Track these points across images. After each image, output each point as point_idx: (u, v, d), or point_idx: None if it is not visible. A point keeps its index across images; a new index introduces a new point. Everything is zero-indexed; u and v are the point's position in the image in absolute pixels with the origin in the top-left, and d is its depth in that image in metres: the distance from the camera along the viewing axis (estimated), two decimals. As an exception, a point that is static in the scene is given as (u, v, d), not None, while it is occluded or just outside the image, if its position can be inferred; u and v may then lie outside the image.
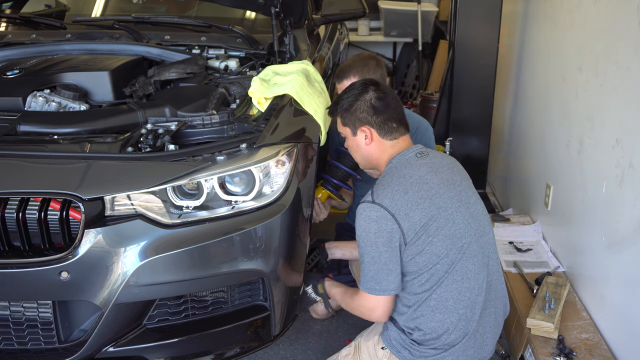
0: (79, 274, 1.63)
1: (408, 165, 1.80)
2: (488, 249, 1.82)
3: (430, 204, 1.72)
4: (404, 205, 1.71)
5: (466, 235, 1.75)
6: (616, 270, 2.09)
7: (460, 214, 1.76)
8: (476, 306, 1.76)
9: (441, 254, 1.72)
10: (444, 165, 1.83)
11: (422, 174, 1.77)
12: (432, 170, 1.79)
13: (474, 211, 1.81)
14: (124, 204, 1.67)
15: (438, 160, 1.84)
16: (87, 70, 2.19)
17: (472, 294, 1.75)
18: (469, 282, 1.75)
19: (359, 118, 1.85)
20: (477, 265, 1.77)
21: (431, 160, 1.82)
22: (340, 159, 2.35)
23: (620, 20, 2.07)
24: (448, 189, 1.77)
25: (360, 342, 1.96)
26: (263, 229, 1.76)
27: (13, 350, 1.75)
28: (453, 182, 1.80)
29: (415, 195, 1.72)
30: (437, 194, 1.74)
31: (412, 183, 1.75)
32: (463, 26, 3.33)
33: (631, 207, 1.97)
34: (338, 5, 2.92)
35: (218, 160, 1.74)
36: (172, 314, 1.81)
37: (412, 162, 1.81)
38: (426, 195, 1.73)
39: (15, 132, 1.83)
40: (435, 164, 1.82)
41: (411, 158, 1.82)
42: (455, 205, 1.76)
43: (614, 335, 2.10)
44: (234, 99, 2.15)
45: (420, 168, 1.79)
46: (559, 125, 2.66)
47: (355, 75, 2.40)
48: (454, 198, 1.77)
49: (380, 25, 5.60)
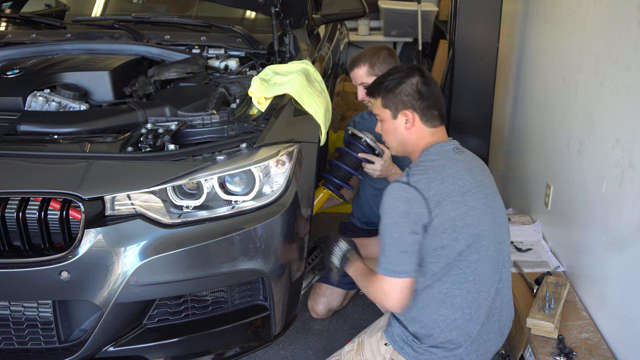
0: (79, 274, 1.63)
1: (446, 157, 1.78)
2: (503, 256, 1.81)
3: (461, 200, 1.71)
4: (438, 193, 1.70)
5: (487, 237, 1.75)
6: (616, 270, 2.09)
7: (487, 217, 1.76)
8: (481, 309, 1.76)
9: (463, 251, 1.71)
10: (476, 166, 1.82)
11: (458, 169, 1.76)
12: (467, 168, 1.78)
13: (497, 218, 1.80)
14: (124, 204, 1.67)
15: (471, 159, 1.83)
16: (87, 70, 2.19)
17: (480, 296, 1.75)
18: (480, 284, 1.74)
19: (403, 101, 1.81)
20: (491, 270, 1.76)
21: (466, 158, 1.81)
22: (341, 158, 2.34)
23: (620, 20, 2.07)
24: (478, 190, 1.76)
25: (363, 338, 1.96)
26: (263, 229, 1.76)
27: (13, 350, 1.75)
28: (483, 185, 1.79)
29: (449, 187, 1.71)
30: (469, 192, 1.74)
31: (448, 175, 1.73)
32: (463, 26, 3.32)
33: (631, 207, 1.97)
34: (338, 5, 2.91)
35: (218, 160, 1.74)
36: (172, 313, 1.81)
37: (449, 156, 1.79)
38: (459, 190, 1.72)
39: (15, 132, 1.83)
40: (469, 162, 1.81)
41: (449, 151, 1.80)
42: (483, 208, 1.75)
43: (614, 335, 2.10)
44: (234, 98, 2.15)
45: (458, 163, 1.77)
46: (559, 125, 2.66)
47: (365, 63, 2.43)
48: (482, 200, 1.76)
49: (380, 25, 5.59)
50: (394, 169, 2.33)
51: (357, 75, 2.47)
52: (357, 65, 2.45)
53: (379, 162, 2.27)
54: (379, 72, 2.43)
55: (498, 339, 1.85)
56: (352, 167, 2.32)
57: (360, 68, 2.44)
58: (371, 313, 2.65)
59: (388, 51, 2.48)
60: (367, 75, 2.44)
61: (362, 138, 2.28)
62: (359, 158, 2.29)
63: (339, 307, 2.65)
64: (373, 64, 2.42)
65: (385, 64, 2.43)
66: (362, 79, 2.46)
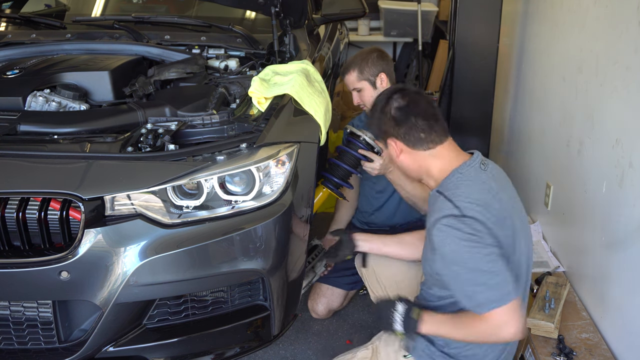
0: (79, 274, 1.63)
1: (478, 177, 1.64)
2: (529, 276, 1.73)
3: (511, 224, 1.61)
4: (492, 218, 1.56)
5: (523, 263, 1.65)
6: (616, 270, 2.09)
7: (522, 237, 1.65)
8: None
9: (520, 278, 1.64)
10: (502, 179, 1.71)
11: (492, 188, 1.62)
12: (499, 185, 1.66)
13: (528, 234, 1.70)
14: (124, 204, 1.67)
15: (497, 173, 1.70)
16: (87, 70, 2.19)
17: None
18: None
19: (384, 131, 1.73)
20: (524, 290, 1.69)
21: (493, 174, 1.67)
22: (341, 157, 2.34)
23: (620, 20, 2.07)
24: (513, 208, 1.65)
25: (379, 345, 1.88)
26: (263, 229, 1.76)
27: (13, 350, 1.75)
28: (514, 199, 1.69)
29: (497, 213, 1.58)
30: (510, 215, 1.62)
31: (492, 197, 1.60)
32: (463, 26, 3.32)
33: (631, 207, 1.97)
34: (338, 5, 2.92)
35: (218, 160, 1.74)
36: (172, 313, 1.81)
37: (480, 175, 1.64)
38: (504, 214, 1.59)
39: (15, 132, 1.83)
40: (497, 178, 1.68)
41: (478, 169, 1.65)
42: (519, 226, 1.64)
43: (614, 335, 2.10)
44: (234, 98, 2.15)
45: (491, 183, 1.64)
46: (559, 125, 2.66)
47: (354, 69, 2.48)
48: (518, 219, 1.65)
49: (380, 25, 5.59)
50: (392, 167, 2.33)
51: (349, 81, 2.51)
52: (347, 72, 2.50)
53: (378, 160, 2.27)
54: (369, 75, 2.46)
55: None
56: (351, 166, 2.32)
57: (350, 74, 2.49)
58: (371, 313, 2.65)
59: (378, 53, 2.51)
60: (357, 80, 2.49)
61: (361, 136, 2.29)
62: (358, 156, 2.29)
63: (339, 307, 2.65)
64: (362, 69, 2.47)
65: (375, 67, 2.46)
66: (354, 84, 2.50)
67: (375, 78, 2.47)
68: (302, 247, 1.96)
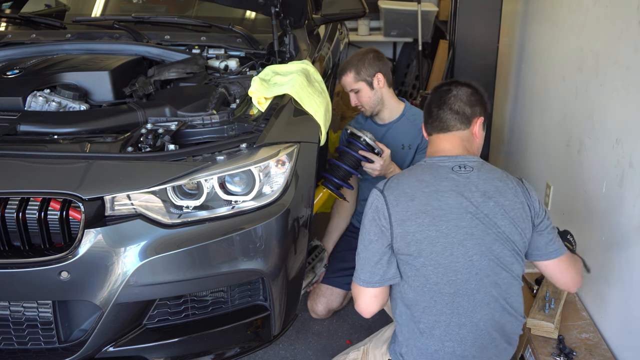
0: (79, 274, 1.63)
1: (435, 172, 1.67)
2: (497, 289, 1.65)
3: (430, 223, 1.61)
4: (403, 211, 1.63)
5: (462, 270, 1.62)
6: (616, 270, 2.09)
7: (463, 248, 1.61)
8: (466, 342, 1.65)
9: (430, 279, 1.62)
10: (480, 190, 1.64)
11: (440, 188, 1.64)
12: (456, 189, 1.63)
13: (487, 250, 1.62)
14: (124, 204, 1.66)
15: (478, 182, 1.65)
16: (87, 70, 2.19)
17: (462, 330, 1.64)
18: (460, 317, 1.64)
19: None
20: (473, 304, 1.63)
21: (466, 180, 1.65)
22: (341, 157, 2.35)
23: (620, 20, 2.07)
24: (461, 217, 1.61)
25: (368, 347, 1.91)
26: (263, 229, 1.76)
27: (13, 350, 1.75)
28: (475, 212, 1.62)
29: (419, 207, 1.62)
30: (444, 217, 1.61)
31: (424, 193, 1.63)
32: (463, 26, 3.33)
33: (631, 207, 1.97)
34: (338, 5, 2.91)
35: (218, 160, 1.74)
36: (172, 313, 1.81)
37: (440, 172, 1.67)
38: (431, 212, 1.61)
39: (15, 132, 1.82)
40: (467, 184, 1.64)
41: (444, 168, 1.68)
42: (460, 237, 1.61)
43: (614, 335, 2.10)
44: (234, 98, 2.15)
45: (443, 182, 1.65)
46: (559, 125, 2.66)
47: (351, 71, 2.49)
48: (464, 229, 1.61)
49: (380, 25, 5.59)
50: (393, 168, 2.34)
51: (346, 82, 2.52)
52: (344, 73, 2.51)
53: (379, 161, 2.27)
54: (366, 76, 2.46)
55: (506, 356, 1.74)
56: (351, 167, 2.32)
57: (347, 75, 2.50)
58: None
59: (374, 54, 2.51)
60: (354, 81, 2.49)
61: (362, 137, 2.29)
62: (359, 157, 2.29)
63: (339, 307, 2.65)
64: (359, 69, 2.48)
65: (372, 67, 2.47)
66: (351, 85, 2.51)
67: (372, 78, 2.47)
68: (302, 247, 1.96)
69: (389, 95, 2.53)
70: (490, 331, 1.67)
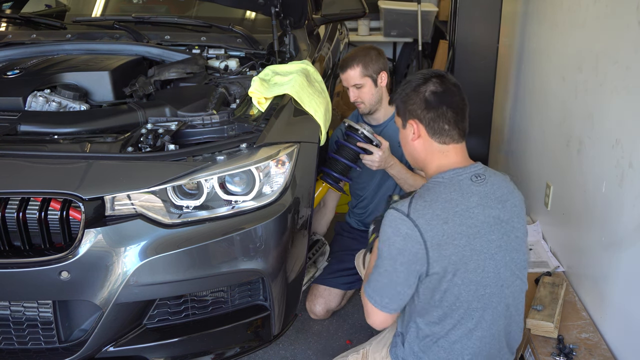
0: (79, 274, 1.63)
1: (459, 188, 1.60)
2: (514, 298, 1.66)
3: (466, 244, 1.56)
4: (439, 235, 1.54)
5: (491, 284, 1.61)
6: (616, 270, 2.09)
7: (494, 262, 1.60)
8: (482, 353, 1.65)
9: (461, 297, 1.59)
10: (496, 197, 1.62)
11: (470, 205, 1.58)
12: (482, 203, 1.59)
13: (510, 259, 1.63)
14: (124, 204, 1.67)
15: (493, 189, 1.63)
16: (87, 70, 2.19)
17: (483, 342, 1.64)
18: (482, 331, 1.63)
19: (409, 110, 1.67)
20: (494, 316, 1.64)
21: (485, 189, 1.61)
22: (339, 151, 2.34)
23: (620, 20, 2.07)
24: (491, 229, 1.59)
25: (368, 350, 1.90)
26: (263, 229, 1.76)
27: (13, 350, 1.75)
28: (499, 222, 1.60)
29: (454, 229, 1.55)
30: (478, 234, 1.57)
31: (456, 213, 1.56)
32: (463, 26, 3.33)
33: (631, 207, 1.97)
34: (338, 5, 2.92)
35: (218, 160, 1.74)
36: (172, 313, 1.82)
37: (464, 187, 1.60)
38: (466, 232, 1.56)
39: (15, 132, 1.83)
40: (488, 195, 1.61)
41: (464, 180, 1.61)
42: (492, 251, 1.59)
43: (614, 335, 2.10)
44: (234, 99, 2.15)
45: (471, 197, 1.59)
46: (559, 125, 2.66)
47: (358, 64, 2.43)
48: (494, 242, 1.59)
49: (380, 25, 5.59)
50: (393, 162, 2.33)
51: (350, 76, 2.45)
52: (350, 67, 2.44)
53: (378, 152, 2.26)
54: (372, 72, 2.44)
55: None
56: (350, 160, 2.32)
57: (354, 69, 2.43)
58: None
59: (377, 51, 2.49)
60: (361, 76, 2.44)
61: (359, 130, 2.28)
62: (357, 150, 2.29)
63: (338, 307, 2.65)
64: (367, 64, 2.43)
65: (377, 64, 2.44)
66: (355, 80, 2.45)
67: (377, 76, 2.46)
68: (302, 247, 1.96)
69: (386, 95, 2.53)
70: (501, 340, 1.68)
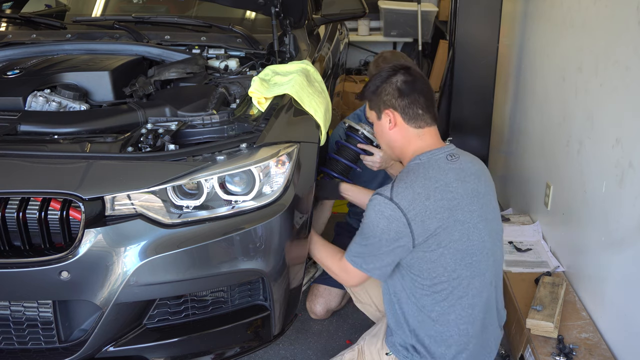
0: (79, 274, 1.63)
1: (437, 166, 1.71)
2: (496, 267, 1.77)
3: (449, 215, 1.65)
4: (422, 212, 1.64)
5: (477, 252, 1.70)
6: (616, 269, 2.09)
7: (477, 231, 1.70)
8: (476, 322, 1.73)
9: (448, 267, 1.67)
10: (472, 173, 1.74)
11: (448, 180, 1.68)
12: (459, 178, 1.70)
13: (491, 229, 1.74)
14: (124, 204, 1.67)
15: (468, 166, 1.75)
16: (87, 70, 2.19)
17: (474, 310, 1.72)
18: (472, 298, 1.71)
19: (384, 100, 1.78)
20: (483, 283, 1.72)
21: (460, 166, 1.73)
22: (339, 152, 2.34)
23: (620, 20, 2.07)
24: (471, 201, 1.70)
25: (363, 346, 1.93)
26: (263, 229, 1.76)
27: (13, 350, 1.75)
28: (477, 194, 1.72)
29: (436, 203, 1.65)
30: (459, 206, 1.67)
31: (437, 189, 1.67)
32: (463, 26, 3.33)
33: (631, 207, 1.97)
34: (338, 5, 2.92)
35: (218, 160, 1.74)
36: (172, 313, 1.82)
37: (441, 165, 1.71)
38: (447, 205, 1.66)
39: (15, 132, 1.83)
40: (463, 170, 1.73)
41: (441, 159, 1.73)
42: (475, 221, 1.69)
43: (614, 335, 2.10)
44: (234, 99, 2.15)
45: (448, 173, 1.70)
46: (559, 125, 2.66)
47: None
48: (475, 212, 1.70)
49: (380, 25, 5.60)
50: (393, 162, 2.33)
51: None
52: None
53: (378, 153, 2.26)
54: None
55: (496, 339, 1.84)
56: (350, 161, 2.32)
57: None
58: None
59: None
60: None
61: (360, 130, 2.28)
62: (358, 150, 2.29)
63: (338, 307, 2.65)
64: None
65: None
66: None
67: None
68: (302, 247, 1.96)
69: None
70: (492, 310, 1.77)
